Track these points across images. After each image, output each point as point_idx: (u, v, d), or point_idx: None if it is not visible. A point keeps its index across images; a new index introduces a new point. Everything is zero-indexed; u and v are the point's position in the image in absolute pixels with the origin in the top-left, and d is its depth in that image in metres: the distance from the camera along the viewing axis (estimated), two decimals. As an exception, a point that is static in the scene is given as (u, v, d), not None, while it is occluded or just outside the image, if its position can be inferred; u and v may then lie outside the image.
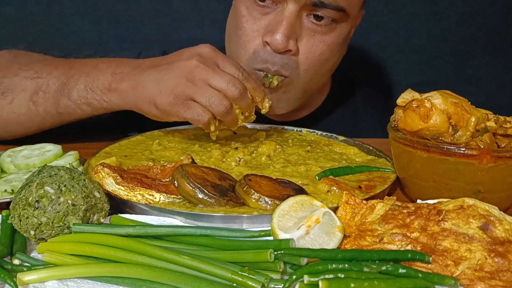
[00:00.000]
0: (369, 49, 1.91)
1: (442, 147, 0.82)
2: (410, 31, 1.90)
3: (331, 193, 0.86)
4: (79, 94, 1.05)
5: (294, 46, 1.11)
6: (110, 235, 0.70)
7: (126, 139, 1.13)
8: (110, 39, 1.82)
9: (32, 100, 1.08)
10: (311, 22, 1.12)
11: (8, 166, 0.97)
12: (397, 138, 0.89)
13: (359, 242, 0.70)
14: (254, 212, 0.79)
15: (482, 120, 0.85)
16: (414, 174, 0.88)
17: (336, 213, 0.75)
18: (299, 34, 1.12)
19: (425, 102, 0.85)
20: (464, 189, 0.83)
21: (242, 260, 0.64)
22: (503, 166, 0.81)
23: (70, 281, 0.64)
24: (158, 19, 1.82)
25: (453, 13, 1.90)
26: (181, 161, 0.92)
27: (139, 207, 0.80)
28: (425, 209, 0.74)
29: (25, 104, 1.08)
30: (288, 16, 1.09)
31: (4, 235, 0.71)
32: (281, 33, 1.08)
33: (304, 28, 1.12)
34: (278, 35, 1.08)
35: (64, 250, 0.67)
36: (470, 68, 1.96)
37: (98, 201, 0.74)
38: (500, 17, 1.92)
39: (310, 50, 1.13)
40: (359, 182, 0.94)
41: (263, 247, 0.67)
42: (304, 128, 1.23)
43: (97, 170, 0.83)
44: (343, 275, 0.61)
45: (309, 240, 0.68)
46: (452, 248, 0.67)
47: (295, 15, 1.09)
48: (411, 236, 0.70)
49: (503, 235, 0.68)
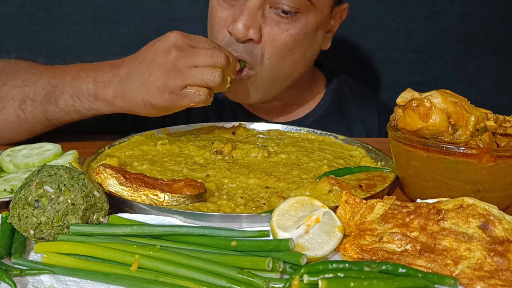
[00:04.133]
0: (368, 49, 1.91)
1: (441, 147, 0.82)
2: (410, 30, 1.90)
3: (332, 192, 0.86)
4: (66, 103, 1.07)
5: (255, 35, 1.14)
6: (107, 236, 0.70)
7: (126, 140, 1.12)
8: (109, 39, 1.82)
9: (21, 108, 1.10)
10: (274, 13, 1.15)
11: (8, 165, 0.97)
12: (396, 137, 0.89)
13: (359, 242, 0.70)
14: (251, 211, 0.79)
15: (482, 119, 0.85)
16: (413, 174, 0.88)
17: (336, 213, 0.75)
18: (263, 23, 1.15)
19: (425, 101, 0.85)
20: (464, 189, 0.83)
21: (240, 266, 0.64)
22: (503, 165, 0.81)
23: (70, 281, 0.64)
24: (157, 18, 1.82)
25: (452, 13, 1.90)
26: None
27: (138, 207, 0.80)
28: (424, 208, 0.74)
29: (14, 112, 1.10)
30: (249, 6, 1.13)
31: (3, 235, 0.71)
32: (241, 23, 1.12)
33: (268, 18, 1.16)
34: (238, 24, 1.12)
35: (62, 250, 0.67)
36: (470, 68, 1.96)
37: (98, 201, 0.74)
38: (500, 17, 1.92)
39: (274, 39, 1.16)
40: (359, 181, 0.94)
41: (262, 247, 0.67)
42: (304, 128, 1.23)
43: (99, 171, 0.83)
44: (342, 274, 0.61)
45: (308, 239, 0.68)
46: (451, 248, 0.67)
47: (257, 6, 1.13)
48: (410, 235, 0.70)
49: (503, 234, 0.68)
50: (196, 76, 0.98)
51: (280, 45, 1.17)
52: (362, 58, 1.92)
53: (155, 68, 0.99)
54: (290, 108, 1.40)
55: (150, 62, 1.00)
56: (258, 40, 1.15)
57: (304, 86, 1.38)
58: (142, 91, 1.00)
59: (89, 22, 1.82)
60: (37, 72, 1.13)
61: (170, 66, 0.98)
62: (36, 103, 1.09)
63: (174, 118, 1.22)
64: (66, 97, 1.07)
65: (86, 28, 1.82)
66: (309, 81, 1.40)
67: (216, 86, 1.00)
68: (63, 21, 1.81)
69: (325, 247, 0.68)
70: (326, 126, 1.25)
